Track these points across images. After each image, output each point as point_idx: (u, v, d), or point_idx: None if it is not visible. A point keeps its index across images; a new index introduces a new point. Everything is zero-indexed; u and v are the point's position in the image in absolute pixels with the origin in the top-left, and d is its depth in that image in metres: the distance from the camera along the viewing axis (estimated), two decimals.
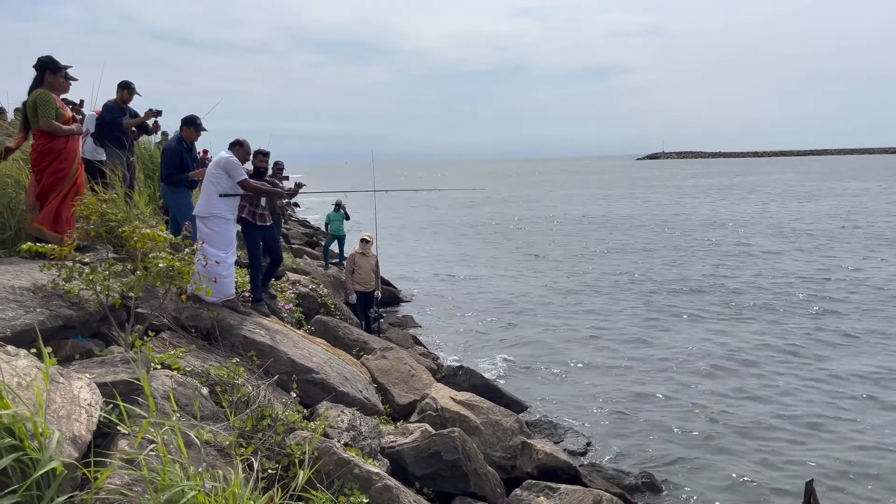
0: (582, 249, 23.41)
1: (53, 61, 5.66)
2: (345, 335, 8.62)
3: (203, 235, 6.21)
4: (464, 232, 30.24)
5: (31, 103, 5.40)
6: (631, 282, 17.32)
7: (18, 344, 3.66)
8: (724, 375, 9.91)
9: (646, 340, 11.85)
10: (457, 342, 12.31)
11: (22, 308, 4.19)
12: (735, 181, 67.66)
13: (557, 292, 16.35)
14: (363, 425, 5.44)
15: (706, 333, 12.18)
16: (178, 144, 7.45)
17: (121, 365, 3.95)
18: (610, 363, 10.68)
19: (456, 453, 5.49)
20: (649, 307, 14.39)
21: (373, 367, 7.71)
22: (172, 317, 5.86)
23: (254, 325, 6.42)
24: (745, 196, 46.10)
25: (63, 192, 5.50)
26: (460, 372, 8.89)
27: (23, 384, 2.92)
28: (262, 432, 4.16)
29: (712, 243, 23.63)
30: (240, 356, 5.67)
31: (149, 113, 8.37)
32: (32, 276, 4.71)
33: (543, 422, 8.24)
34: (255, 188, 6.90)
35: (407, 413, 7.16)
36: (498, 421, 6.97)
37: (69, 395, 3.21)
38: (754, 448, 7.62)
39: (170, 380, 4.14)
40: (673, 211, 36.89)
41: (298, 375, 5.87)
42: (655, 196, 49.48)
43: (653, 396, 9.18)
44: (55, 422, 2.88)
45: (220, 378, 4.60)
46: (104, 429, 3.31)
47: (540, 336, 12.44)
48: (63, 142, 5.53)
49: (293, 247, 18.11)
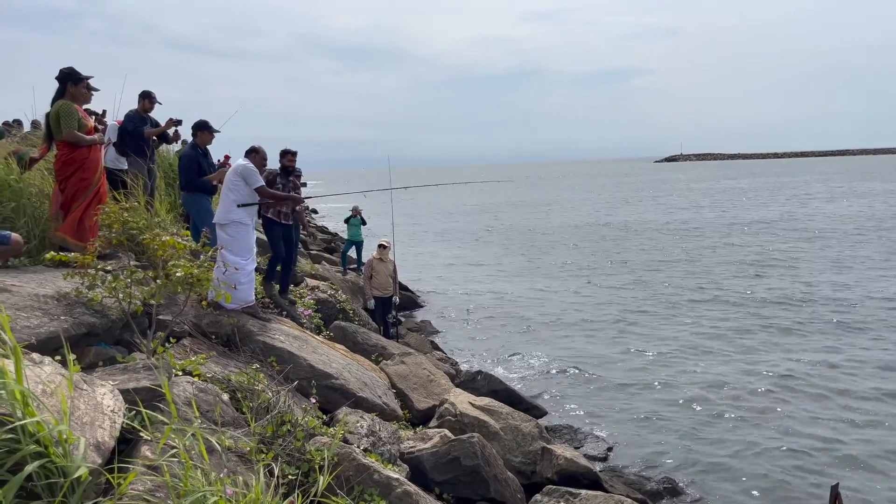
0: (600, 254, 23.26)
1: (74, 72, 5.75)
2: (363, 340, 8.64)
3: (223, 242, 6.26)
4: (481, 237, 30.21)
5: (54, 114, 5.49)
6: (651, 287, 17.19)
7: (43, 351, 3.71)
8: (748, 382, 9.78)
9: (667, 346, 11.75)
10: (475, 347, 12.29)
11: (46, 316, 4.25)
12: (759, 182, 66.91)
13: (576, 298, 16.27)
14: (382, 431, 5.45)
15: (729, 340, 12.04)
16: (193, 151, 7.56)
17: (143, 372, 4.00)
18: (630, 368, 10.60)
19: (475, 459, 5.48)
20: (669, 312, 14.27)
21: (391, 372, 7.72)
22: (193, 323, 5.91)
23: (273, 331, 6.46)
24: (781, 197, 45.28)
25: (86, 201, 5.58)
26: (479, 377, 8.86)
27: (47, 391, 2.97)
28: (282, 438, 4.19)
29: (734, 247, 23.40)
30: (260, 362, 5.71)
31: (169, 122, 8.49)
32: (56, 284, 4.77)
33: (563, 427, 8.20)
34: (272, 195, 6.97)
35: (426, 418, 7.15)
36: (517, 426, 6.94)
37: (93, 401, 3.25)
38: (778, 453, 7.52)
39: (191, 386, 4.18)
40: (700, 215, 36.57)
41: (318, 381, 5.89)
42: (679, 199, 49.09)
43: (674, 402, 9.09)
44: (79, 428, 2.92)
45: (240, 384, 4.64)
46: (127, 435, 3.35)
47: (559, 341, 12.38)
48: (86, 152, 5.61)
49: (311, 253, 18.19)
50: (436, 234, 31.76)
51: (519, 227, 33.15)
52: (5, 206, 5.52)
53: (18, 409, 2.61)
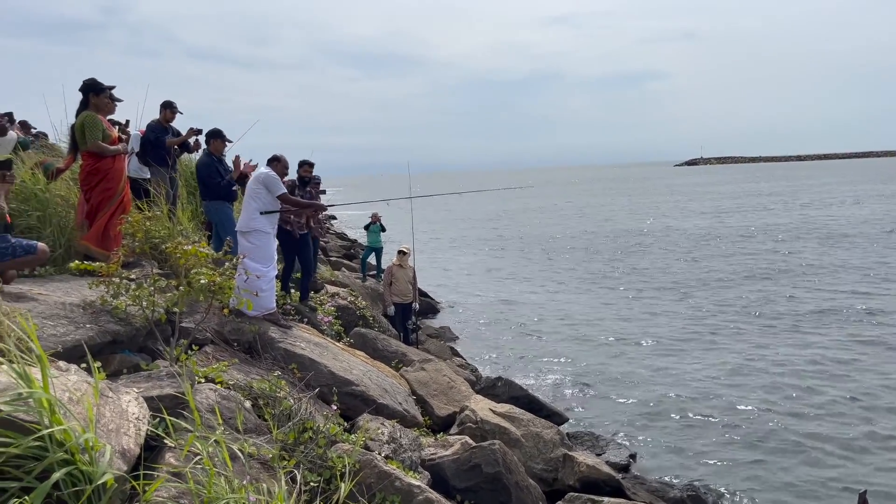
0: (623, 262, 23.08)
1: (96, 83, 5.84)
2: (384, 347, 8.66)
3: (244, 250, 6.32)
4: (500, 243, 30.13)
5: (79, 125, 5.58)
6: (671, 292, 17.05)
7: (69, 359, 3.76)
8: (772, 388, 9.64)
9: (689, 352, 11.63)
10: (495, 353, 12.25)
11: (72, 324, 4.31)
12: (783, 185, 66.14)
13: (597, 304, 16.17)
14: (403, 437, 5.45)
15: (753, 346, 11.90)
16: (208, 158, 7.67)
17: (166, 379, 4.04)
18: (652, 375, 10.51)
19: (497, 466, 5.45)
20: (690, 317, 14.14)
21: (412, 378, 7.72)
22: (215, 331, 5.95)
23: (295, 338, 6.49)
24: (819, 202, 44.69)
25: (110, 210, 5.66)
26: (499, 383, 8.83)
27: (74, 399, 3.00)
28: (303, 445, 4.20)
29: (750, 251, 23.15)
30: (281, 369, 5.74)
31: (190, 132, 8.59)
32: (82, 292, 4.84)
33: (585, 433, 8.14)
34: (294, 202, 7.03)
35: (446, 425, 7.14)
36: (538, 433, 6.91)
37: (118, 409, 3.28)
38: (804, 460, 7.41)
39: (213, 393, 4.21)
40: (723, 221, 36.22)
41: (339, 388, 5.91)
42: (701, 204, 48.67)
43: (697, 409, 8.99)
44: (105, 435, 2.95)
45: (262, 391, 4.66)
46: (151, 442, 3.38)
47: (579, 347, 12.31)
48: (110, 162, 5.70)
49: (331, 259, 18.27)
50: (455, 241, 31.75)
51: (539, 234, 33.01)
52: (31, 215, 5.61)
53: (45, 417, 2.65)
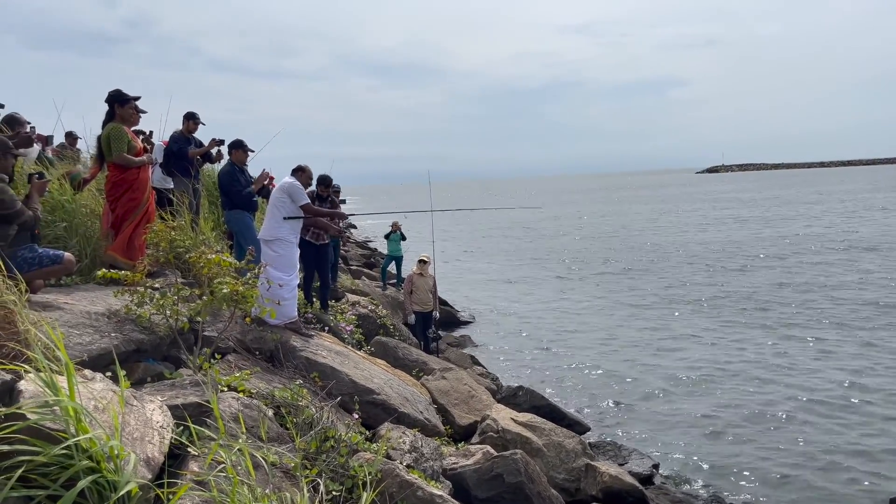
0: (645, 271, 22.88)
1: (121, 94, 5.92)
2: (404, 356, 8.66)
3: (267, 259, 6.36)
4: (521, 252, 30.05)
5: (105, 137, 5.67)
6: (696, 306, 16.87)
7: (95, 367, 3.81)
8: (799, 399, 9.48)
9: (713, 363, 11.48)
10: (515, 362, 12.20)
11: (98, 333, 4.36)
12: (807, 193, 65.33)
13: (618, 313, 16.05)
14: (425, 447, 5.43)
15: (779, 357, 11.72)
16: (230, 168, 7.76)
17: (190, 388, 4.06)
18: (674, 385, 10.39)
19: (519, 476, 5.42)
20: (716, 328, 13.98)
21: (433, 387, 7.70)
22: (237, 339, 5.99)
23: (316, 346, 6.51)
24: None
25: (135, 220, 5.73)
26: (520, 392, 8.79)
27: (99, 407, 3.03)
28: (325, 454, 4.20)
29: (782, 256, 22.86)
30: (303, 377, 5.75)
31: (212, 142, 8.70)
32: (107, 301, 4.90)
33: (607, 443, 8.06)
34: (317, 211, 7.10)
35: (468, 434, 7.11)
36: (560, 442, 6.85)
37: (142, 417, 3.31)
38: (832, 470, 7.27)
39: (236, 402, 4.23)
40: (745, 230, 35.85)
41: (360, 396, 5.91)
42: (724, 212, 48.21)
43: (721, 420, 8.86)
44: (129, 444, 2.97)
45: (284, 400, 4.68)
46: (175, 450, 3.40)
47: (601, 356, 12.21)
48: (135, 173, 5.78)
49: (351, 268, 18.34)
50: (474, 249, 31.73)
51: (559, 243, 32.87)
52: (58, 225, 5.70)
53: (72, 425, 2.67)
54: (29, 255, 4.45)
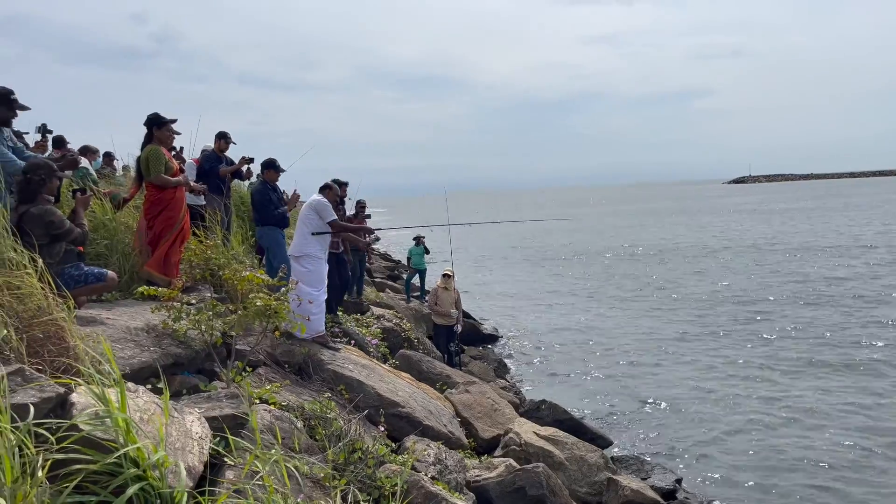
0: (670, 282, 22.78)
1: (159, 117, 6.19)
2: (428, 369, 8.80)
3: (297, 274, 6.56)
4: (544, 263, 30.06)
5: (144, 158, 5.94)
6: (721, 319, 16.78)
7: (136, 380, 4.01)
8: (825, 414, 9.45)
9: (740, 378, 11.45)
10: (538, 375, 12.28)
11: (138, 347, 4.57)
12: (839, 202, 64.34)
13: (641, 326, 16.04)
14: (449, 459, 5.57)
15: (808, 372, 11.67)
16: (263, 186, 7.99)
17: (225, 400, 4.25)
18: (699, 400, 10.39)
19: (541, 489, 5.53)
20: (743, 343, 13.92)
21: (456, 400, 7.83)
22: (267, 353, 6.19)
23: (343, 360, 6.69)
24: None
25: (172, 238, 5.97)
26: (543, 406, 8.88)
27: (144, 418, 3.22)
28: (353, 465, 4.36)
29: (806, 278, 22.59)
30: (330, 390, 5.93)
31: (242, 160, 9.00)
32: (145, 317, 5.12)
33: (629, 457, 8.12)
34: (344, 227, 7.30)
35: (491, 447, 7.22)
36: (583, 456, 6.94)
37: (183, 428, 3.50)
38: (859, 488, 7.25)
39: (268, 414, 4.41)
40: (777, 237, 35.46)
41: (386, 409, 6.07)
42: (754, 221, 47.66)
43: (746, 436, 8.86)
44: (172, 453, 3.16)
45: (313, 412, 4.85)
46: (211, 460, 3.58)
47: (623, 370, 12.25)
48: (172, 192, 6.03)
49: (375, 280, 18.54)
50: (497, 262, 31.80)
51: (582, 254, 32.82)
52: (100, 243, 5.96)
53: (121, 436, 2.86)
54: (75, 273, 4.69)
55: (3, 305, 3.43)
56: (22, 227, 4.25)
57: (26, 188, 4.50)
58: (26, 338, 3.40)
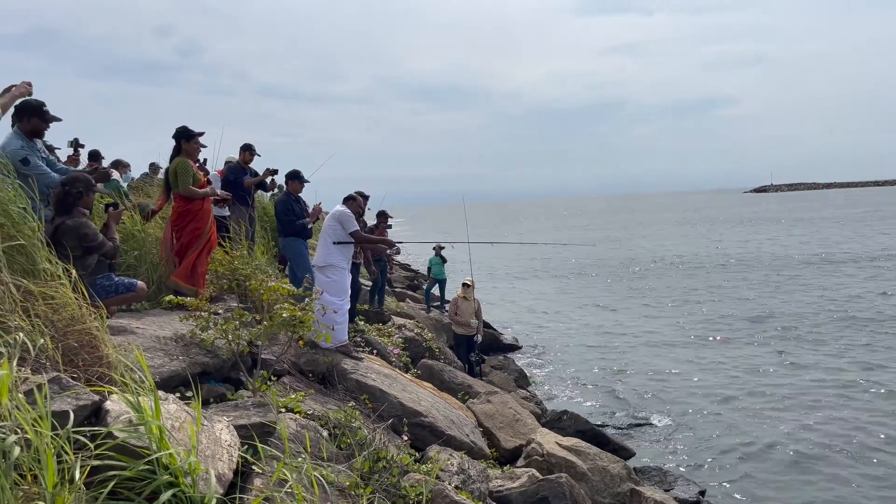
0: (694, 292, 22.55)
1: (188, 130, 6.33)
2: (450, 379, 8.82)
3: (322, 284, 6.63)
4: (565, 273, 29.95)
5: (173, 171, 6.07)
6: (745, 329, 16.63)
7: (165, 389, 4.08)
8: (851, 429, 9.31)
9: (763, 388, 11.34)
10: (559, 386, 12.24)
11: (167, 356, 4.66)
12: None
13: (663, 337, 15.93)
14: (471, 469, 5.58)
15: (836, 380, 11.52)
16: (286, 198, 8.09)
17: (253, 409, 4.31)
18: (722, 410, 10.30)
19: (564, 499, 5.52)
20: (767, 352, 13.78)
21: (478, 411, 7.84)
22: (292, 362, 6.26)
23: (366, 369, 6.74)
24: None
25: (199, 248, 6.09)
26: (565, 417, 8.85)
27: (175, 426, 3.29)
28: (378, 474, 4.40)
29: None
30: (354, 399, 5.98)
31: (266, 172, 9.13)
32: (174, 326, 5.21)
33: (652, 468, 8.06)
34: (366, 239, 7.36)
35: (513, 457, 7.22)
36: (605, 467, 6.91)
37: (212, 436, 3.56)
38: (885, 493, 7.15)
39: (293, 423, 4.47)
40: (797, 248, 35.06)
41: (408, 419, 6.10)
42: (778, 232, 47.13)
43: (770, 446, 8.77)
44: (203, 461, 3.22)
45: (338, 421, 4.90)
46: (240, 468, 3.64)
47: (645, 380, 12.17)
48: (199, 204, 6.15)
49: (396, 290, 18.60)
50: (518, 271, 31.74)
51: (604, 263, 32.60)
52: (130, 254, 6.09)
53: (154, 443, 2.93)
54: (107, 283, 4.80)
55: (40, 315, 3.51)
56: (57, 238, 4.35)
57: (63, 200, 4.61)
58: (61, 346, 3.48)
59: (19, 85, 4.53)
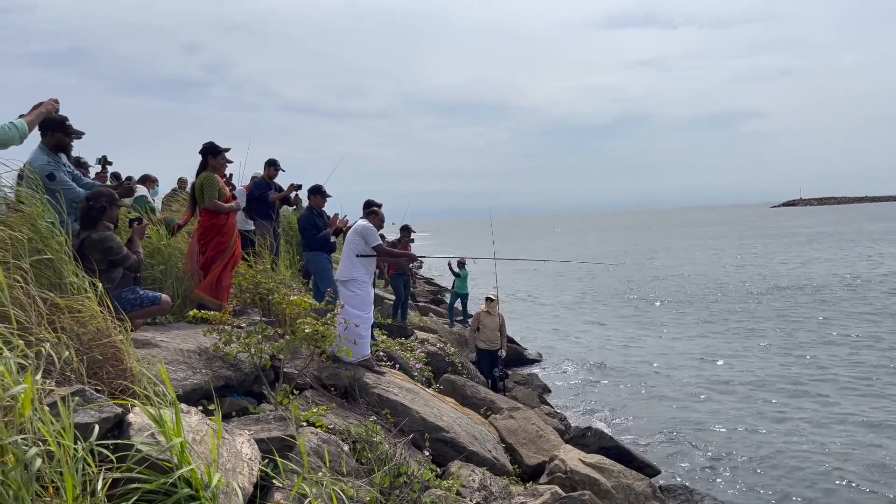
0: (723, 310, 22.24)
1: (214, 146, 6.42)
2: (472, 394, 8.77)
3: (345, 298, 6.65)
4: (588, 289, 29.72)
5: (199, 185, 6.15)
6: (772, 346, 16.33)
7: (188, 402, 4.11)
8: (879, 450, 9.08)
9: (793, 406, 11.09)
10: (583, 402, 12.09)
11: (190, 369, 4.70)
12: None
13: (688, 353, 15.70)
14: (493, 485, 5.53)
15: (870, 397, 11.24)
16: (309, 213, 8.16)
17: (274, 423, 4.32)
18: (749, 428, 10.08)
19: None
20: (795, 369, 13.50)
21: (501, 426, 7.78)
22: (314, 376, 6.28)
23: (388, 383, 6.73)
24: None
25: (223, 262, 6.15)
26: (589, 433, 8.74)
27: (196, 439, 3.30)
28: (399, 489, 4.38)
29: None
30: (375, 414, 5.97)
31: (291, 187, 9.22)
32: (197, 339, 5.26)
33: (678, 487, 7.90)
34: (388, 252, 7.38)
35: (536, 474, 7.14)
36: (629, 485, 6.80)
37: (233, 449, 3.57)
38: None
39: (315, 437, 4.47)
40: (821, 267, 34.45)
41: (430, 434, 6.07)
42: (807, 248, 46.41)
43: (799, 468, 8.55)
44: (223, 474, 3.23)
45: (359, 436, 4.89)
46: (260, 481, 3.64)
47: (672, 397, 11.97)
48: (224, 218, 6.22)
49: (419, 304, 18.61)
50: (542, 286, 31.57)
51: (628, 279, 32.28)
52: (156, 268, 6.17)
53: (175, 456, 2.94)
54: (132, 297, 4.86)
55: (66, 328, 3.56)
56: (83, 252, 4.43)
57: (88, 214, 4.69)
58: (86, 359, 3.52)
59: (46, 102, 4.61)
